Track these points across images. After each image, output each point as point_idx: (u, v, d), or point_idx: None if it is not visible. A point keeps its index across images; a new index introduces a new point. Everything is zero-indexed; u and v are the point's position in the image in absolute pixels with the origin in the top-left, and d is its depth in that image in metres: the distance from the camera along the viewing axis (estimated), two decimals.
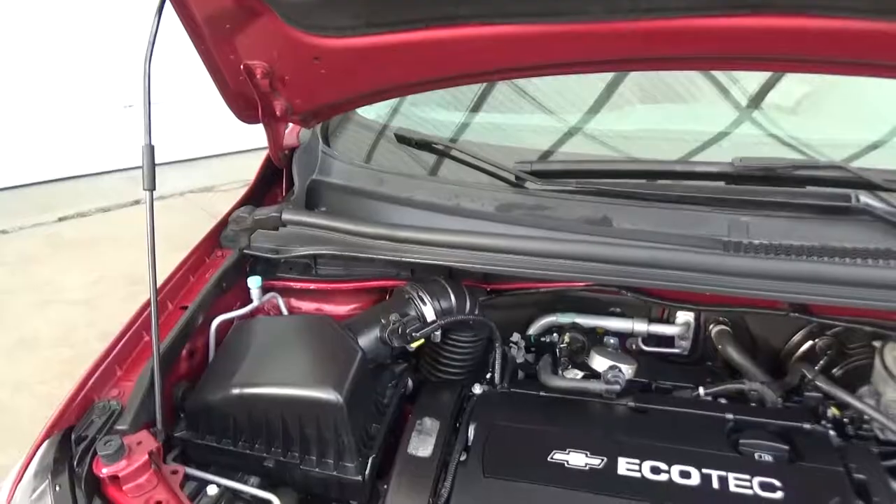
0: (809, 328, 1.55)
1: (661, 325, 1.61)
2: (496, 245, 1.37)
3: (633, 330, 1.60)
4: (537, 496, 1.10)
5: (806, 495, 1.06)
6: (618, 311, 1.63)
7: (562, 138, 1.79)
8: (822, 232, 1.32)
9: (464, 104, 1.97)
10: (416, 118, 1.96)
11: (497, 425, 1.22)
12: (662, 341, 1.64)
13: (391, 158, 1.76)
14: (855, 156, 1.60)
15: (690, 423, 1.23)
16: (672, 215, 1.40)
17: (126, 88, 5.30)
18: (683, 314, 1.61)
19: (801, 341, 1.56)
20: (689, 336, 1.62)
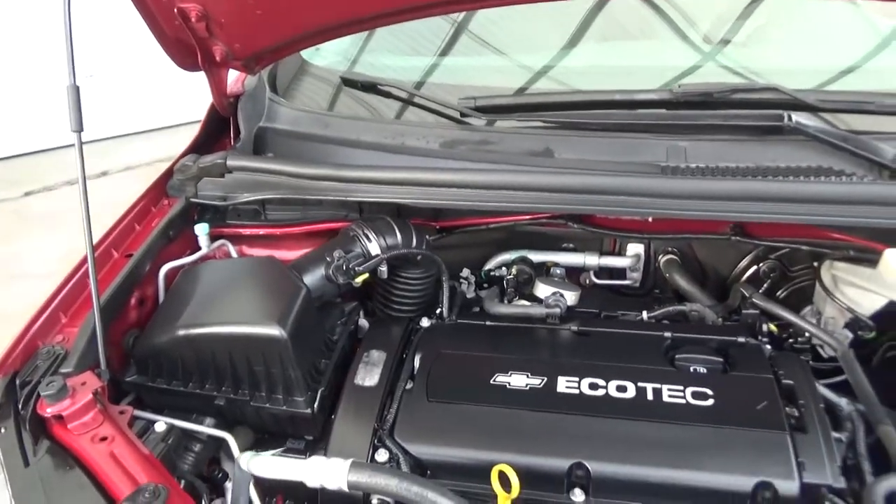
0: (755, 253, 1.58)
1: (612, 258, 1.64)
2: (439, 179, 1.37)
3: (585, 264, 1.63)
4: (479, 416, 1.13)
5: (735, 401, 1.10)
6: (570, 246, 1.66)
7: (511, 76, 1.78)
8: (757, 152, 1.34)
9: (422, 52, 1.96)
10: (368, 65, 1.94)
11: (442, 353, 1.25)
12: (615, 274, 1.67)
13: (338, 102, 1.75)
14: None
15: (630, 343, 1.26)
16: (613, 143, 1.41)
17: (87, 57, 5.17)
18: (634, 246, 1.64)
19: (746, 266, 1.60)
20: (640, 267, 1.66)
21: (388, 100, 1.65)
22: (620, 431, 1.08)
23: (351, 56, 1.98)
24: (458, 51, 1.95)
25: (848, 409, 1.14)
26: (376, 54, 2.00)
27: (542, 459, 1.06)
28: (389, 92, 1.63)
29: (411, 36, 2.08)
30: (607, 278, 1.67)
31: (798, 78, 1.52)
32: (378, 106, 1.73)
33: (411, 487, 0.91)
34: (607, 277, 1.67)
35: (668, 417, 1.08)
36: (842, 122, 1.46)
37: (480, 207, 1.38)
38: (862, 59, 1.77)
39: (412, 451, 1.11)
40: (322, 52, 1.98)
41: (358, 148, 1.55)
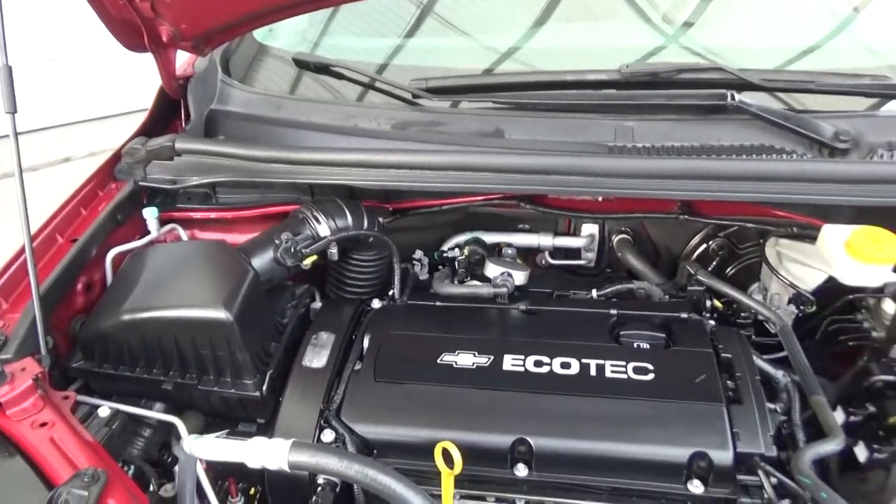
0: (705, 231, 1.61)
1: (567, 238, 1.66)
2: (390, 161, 1.37)
3: (540, 244, 1.64)
4: (425, 395, 1.14)
5: (675, 375, 1.12)
6: (526, 227, 1.67)
7: (475, 58, 1.77)
8: (702, 132, 1.36)
9: (386, 34, 1.94)
10: (330, 47, 1.92)
11: (391, 334, 1.25)
12: (570, 254, 1.68)
13: (292, 84, 1.73)
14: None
15: (577, 321, 1.28)
16: (562, 124, 1.42)
17: (49, 41, 5.03)
18: (588, 227, 1.66)
19: (697, 244, 1.63)
20: (595, 248, 1.67)
21: (343, 81, 1.64)
22: (562, 407, 1.09)
23: (311, 38, 1.95)
24: (424, 32, 1.94)
25: (784, 381, 1.18)
26: (338, 36, 1.98)
27: (486, 436, 1.08)
28: (342, 73, 1.62)
29: (375, 18, 2.06)
30: (563, 259, 1.69)
31: (757, 59, 1.55)
32: (333, 88, 1.72)
33: (352, 466, 0.92)
34: (563, 258, 1.69)
35: (609, 392, 1.10)
36: (797, 102, 1.49)
37: (431, 188, 1.39)
38: (821, 40, 1.78)
39: (359, 431, 1.11)
40: (279, 34, 1.95)
41: (310, 130, 1.54)
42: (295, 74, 1.82)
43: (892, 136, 1.31)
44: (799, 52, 1.71)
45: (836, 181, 1.24)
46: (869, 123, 1.34)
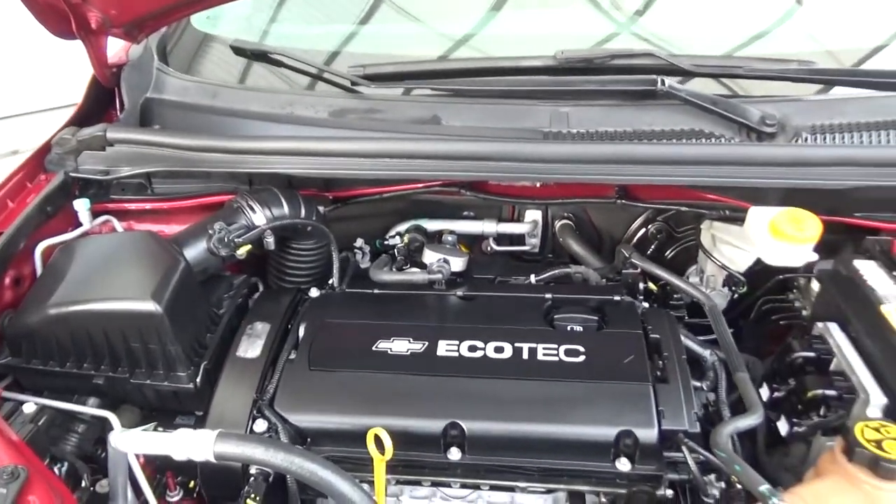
0: (645, 216, 1.63)
1: (510, 225, 1.67)
2: (326, 149, 1.36)
3: (483, 231, 1.65)
4: (359, 382, 1.14)
5: (605, 356, 1.14)
6: (471, 214, 1.67)
7: (428, 45, 1.76)
8: (634, 117, 1.38)
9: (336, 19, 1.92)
10: (280, 35, 1.88)
11: (326, 323, 1.25)
12: (514, 240, 1.70)
13: (232, 72, 1.70)
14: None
15: (513, 306, 1.29)
16: (498, 110, 1.42)
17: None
18: (531, 213, 1.67)
19: (637, 229, 1.65)
20: (538, 233, 1.69)
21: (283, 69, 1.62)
22: (494, 390, 1.11)
23: (260, 26, 1.92)
24: (378, 20, 1.91)
25: (711, 360, 1.21)
26: (289, 24, 1.94)
27: (419, 421, 1.09)
28: (280, 61, 1.60)
29: (327, 5, 2.03)
30: (508, 245, 1.70)
31: (708, 46, 1.56)
32: (285, 76, 1.69)
33: (278, 454, 0.92)
34: (508, 244, 1.70)
35: (541, 375, 1.12)
36: (740, 88, 1.51)
37: (368, 176, 1.38)
38: (772, 25, 1.80)
39: (293, 420, 1.11)
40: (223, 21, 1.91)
41: (247, 119, 1.52)
42: (238, 63, 1.79)
43: (816, 120, 1.35)
44: (748, 38, 1.74)
45: (763, 164, 1.27)
46: (795, 108, 1.37)
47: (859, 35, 1.66)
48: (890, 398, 1.03)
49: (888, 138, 1.34)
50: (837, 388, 1.08)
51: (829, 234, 1.39)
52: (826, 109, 1.37)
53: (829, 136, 1.34)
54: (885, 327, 1.09)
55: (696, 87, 1.42)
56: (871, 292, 1.16)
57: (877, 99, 1.39)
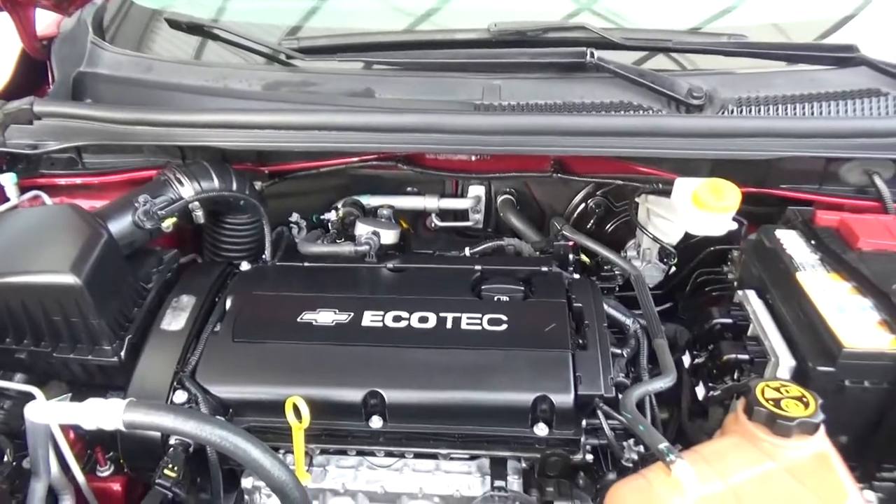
0: (586, 191, 1.64)
1: (452, 200, 1.67)
2: (256, 121, 1.35)
3: (426, 207, 1.65)
4: (282, 353, 1.14)
5: (528, 325, 1.15)
6: (414, 190, 1.67)
7: (385, 20, 1.74)
8: (566, 89, 1.38)
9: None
10: (239, 11, 1.83)
11: (253, 295, 1.24)
12: (459, 216, 1.70)
13: (166, 45, 1.68)
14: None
15: (441, 277, 1.30)
16: (432, 83, 1.42)
17: None
18: (474, 188, 1.67)
19: (578, 203, 1.66)
20: (482, 209, 1.69)
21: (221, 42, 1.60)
22: (416, 359, 1.11)
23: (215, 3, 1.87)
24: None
25: (634, 328, 1.22)
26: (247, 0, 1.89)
27: (340, 390, 1.09)
28: (215, 34, 1.57)
29: None
30: (452, 221, 1.70)
31: (673, 20, 1.55)
32: (225, 51, 1.67)
33: (188, 422, 0.91)
34: (452, 220, 1.70)
35: (463, 344, 1.13)
36: (690, 62, 1.52)
37: (299, 149, 1.38)
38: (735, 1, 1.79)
39: (214, 391, 1.11)
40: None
41: (180, 92, 1.50)
42: (192, 40, 1.75)
43: (742, 93, 1.36)
44: (710, 15, 1.73)
45: (688, 135, 1.28)
46: (724, 80, 1.39)
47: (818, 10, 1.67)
48: (799, 361, 1.05)
49: (813, 110, 1.36)
50: (750, 352, 1.10)
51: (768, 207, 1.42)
52: (754, 82, 1.39)
53: (756, 108, 1.36)
54: (800, 294, 1.11)
55: (653, 63, 1.42)
56: (790, 261, 1.19)
57: (805, 72, 1.41)
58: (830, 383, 1.01)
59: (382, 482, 1.13)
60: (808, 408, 0.89)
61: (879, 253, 1.20)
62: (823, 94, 1.37)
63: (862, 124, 1.30)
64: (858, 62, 1.37)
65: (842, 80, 1.39)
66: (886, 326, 1.03)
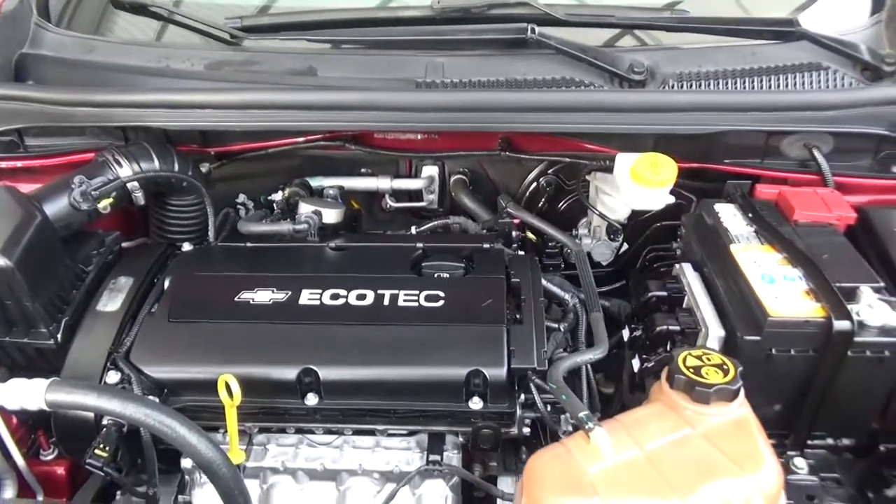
0: (539, 169, 1.64)
1: (405, 181, 1.66)
2: (198, 101, 1.34)
3: (378, 187, 1.64)
4: (218, 332, 1.14)
5: (464, 300, 1.16)
6: (369, 172, 1.67)
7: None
8: (508, 66, 1.38)
9: None
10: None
11: (192, 275, 1.24)
12: (413, 196, 1.69)
13: (130, 29, 1.65)
14: None
15: (383, 255, 1.29)
16: (375, 61, 1.41)
17: None
18: (428, 168, 1.66)
19: (531, 182, 1.66)
20: (436, 189, 1.69)
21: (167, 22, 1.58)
22: (351, 336, 1.11)
23: None
24: None
25: (572, 302, 1.23)
26: None
27: (274, 368, 1.09)
28: (159, 14, 1.55)
29: None
30: (407, 201, 1.70)
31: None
32: (171, 31, 1.64)
33: (111, 400, 0.91)
34: (407, 200, 1.70)
35: (399, 320, 1.13)
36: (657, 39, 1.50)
37: (240, 128, 1.37)
38: None
39: (149, 371, 1.10)
40: None
41: (122, 73, 1.48)
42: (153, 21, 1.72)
43: (684, 68, 1.37)
44: None
45: (631, 110, 1.29)
46: (666, 56, 1.39)
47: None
48: (728, 331, 1.06)
49: (754, 84, 1.37)
50: (682, 323, 1.11)
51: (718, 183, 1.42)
52: (696, 57, 1.39)
53: (697, 82, 1.36)
54: (732, 265, 1.12)
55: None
56: (725, 233, 1.20)
57: (746, 47, 1.41)
58: (758, 352, 1.02)
59: (322, 460, 1.13)
60: (728, 375, 0.90)
61: (814, 225, 1.21)
62: (765, 68, 1.38)
63: (800, 98, 1.31)
64: (799, 36, 1.37)
65: (783, 54, 1.40)
66: (812, 295, 1.04)
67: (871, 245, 1.21)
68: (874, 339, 1.00)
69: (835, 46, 1.37)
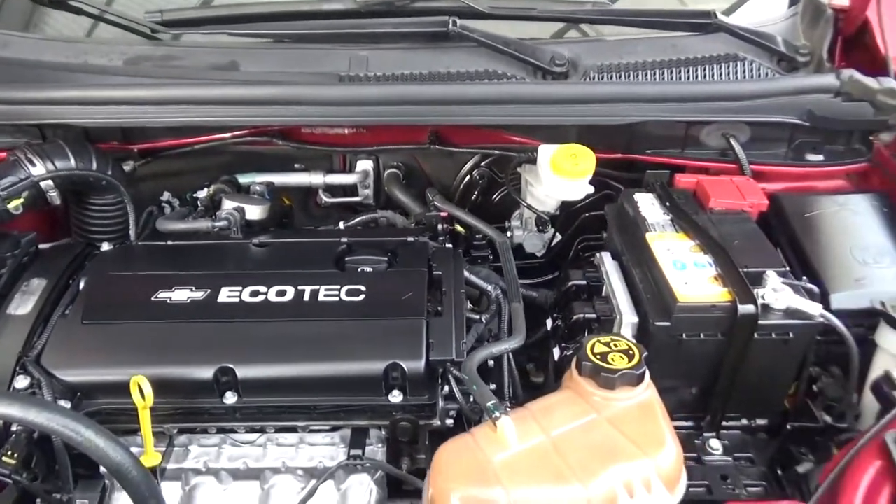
0: (472, 162, 1.65)
1: (338, 175, 1.65)
2: (116, 97, 1.30)
3: (311, 183, 1.63)
4: (134, 333, 1.11)
5: (386, 294, 1.16)
6: (302, 167, 1.65)
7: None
8: (432, 59, 1.38)
9: None
10: None
11: (108, 276, 1.21)
12: (349, 192, 1.68)
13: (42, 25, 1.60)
14: None
15: (308, 251, 1.28)
16: (298, 55, 1.40)
17: None
18: (363, 163, 1.65)
19: (465, 175, 1.67)
20: (371, 184, 1.68)
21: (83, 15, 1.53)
22: (269, 333, 1.10)
23: None
24: None
25: (495, 293, 1.24)
26: None
27: (191, 368, 1.07)
28: (77, 7, 1.51)
29: None
30: (342, 196, 1.69)
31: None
32: (102, 28, 1.60)
33: (12, 405, 0.87)
34: (343, 196, 1.69)
35: (319, 316, 1.12)
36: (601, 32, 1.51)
37: (160, 124, 1.35)
38: None
39: (61, 375, 1.07)
40: None
41: (39, 69, 1.43)
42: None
43: (604, 60, 1.38)
44: None
45: (552, 102, 1.30)
46: (587, 48, 1.41)
47: None
48: (641, 318, 1.08)
49: (674, 76, 1.39)
50: (598, 311, 1.13)
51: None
52: (617, 49, 1.41)
53: (618, 74, 1.38)
54: (647, 253, 1.14)
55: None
56: (643, 222, 1.22)
57: (667, 39, 1.44)
58: (669, 337, 1.05)
59: (245, 459, 1.12)
60: (633, 360, 0.92)
61: (728, 212, 1.24)
62: (684, 59, 1.40)
63: (717, 88, 1.33)
64: (716, 28, 1.40)
65: (702, 45, 1.42)
66: (720, 280, 1.06)
67: (783, 230, 1.25)
68: (779, 322, 1.03)
69: (751, 38, 1.40)
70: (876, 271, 1.15)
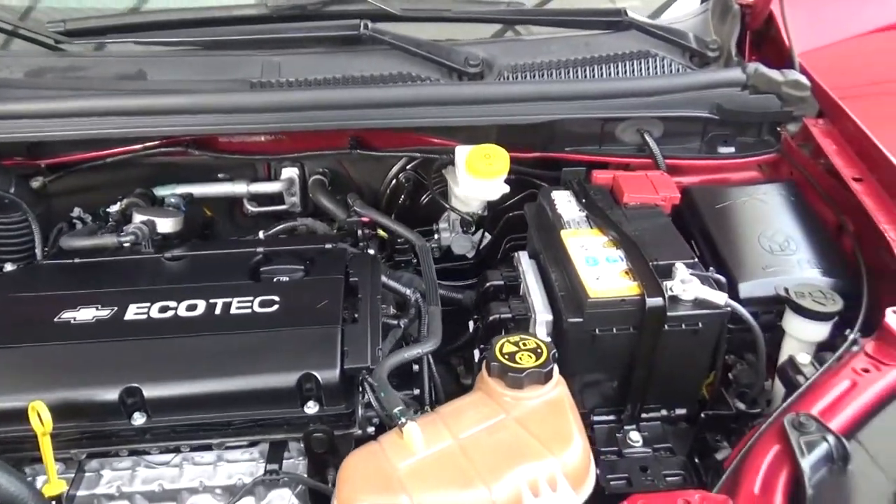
0: (399, 165, 1.64)
1: (262, 184, 1.62)
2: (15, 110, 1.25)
3: (234, 192, 1.59)
4: (34, 356, 1.06)
5: (300, 303, 1.13)
6: (226, 177, 1.61)
7: None
8: (346, 63, 1.37)
9: None
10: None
11: (8, 297, 1.16)
12: (275, 200, 1.65)
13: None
14: None
15: (222, 263, 1.25)
16: (208, 62, 1.37)
17: None
18: (288, 170, 1.63)
19: (391, 179, 1.65)
20: (297, 191, 1.65)
21: None
22: (176, 349, 1.06)
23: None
24: None
25: (413, 297, 1.23)
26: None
27: (95, 390, 1.03)
28: None
29: None
30: (269, 205, 1.65)
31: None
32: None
33: None
34: (269, 204, 1.65)
35: (230, 329, 1.09)
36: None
37: (64, 137, 1.30)
38: None
39: None
40: None
41: None
42: None
43: (519, 59, 1.39)
44: None
45: (467, 103, 1.30)
46: (501, 48, 1.41)
47: None
48: (555, 316, 1.08)
49: (587, 73, 1.41)
50: (513, 310, 1.13)
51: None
52: (531, 49, 1.42)
53: (532, 73, 1.39)
54: (562, 250, 1.15)
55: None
56: (558, 219, 1.22)
57: (580, 37, 1.45)
58: (583, 333, 1.05)
59: (161, 480, 1.08)
60: (541, 358, 0.92)
61: (641, 206, 1.26)
62: (597, 57, 1.42)
63: (629, 85, 1.35)
64: (627, 25, 1.42)
65: (615, 43, 1.44)
66: (630, 275, 1.07)
67: (695, 223, 1.27)
68: (687, 313, 1.05)
69: (661, 35, 1.43)
70: (782, 258, 1.18)
